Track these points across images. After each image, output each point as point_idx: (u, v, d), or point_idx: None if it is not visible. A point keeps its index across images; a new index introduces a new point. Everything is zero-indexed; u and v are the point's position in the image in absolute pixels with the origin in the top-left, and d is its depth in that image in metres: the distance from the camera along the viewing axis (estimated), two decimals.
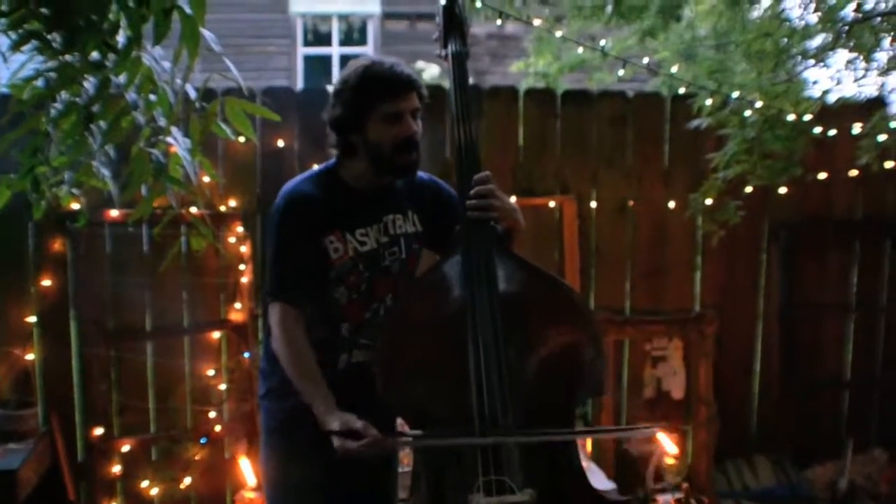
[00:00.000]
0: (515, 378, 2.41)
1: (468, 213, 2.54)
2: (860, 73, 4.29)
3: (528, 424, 2.42)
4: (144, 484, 4.27)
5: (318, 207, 2.67)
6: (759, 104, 4.28)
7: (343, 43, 13.69)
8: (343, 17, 13.71)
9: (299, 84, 12.69)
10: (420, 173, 2.86)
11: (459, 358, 2.41)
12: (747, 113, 4.31)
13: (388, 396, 2.50)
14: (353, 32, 13.77)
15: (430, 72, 10.05)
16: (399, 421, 2.68)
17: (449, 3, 2.79)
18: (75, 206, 3.23)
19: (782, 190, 4.60)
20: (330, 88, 2.75)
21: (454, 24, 2.75)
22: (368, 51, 12.98)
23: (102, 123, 2.13)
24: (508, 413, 2.35)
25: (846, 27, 4.19)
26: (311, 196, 2.68)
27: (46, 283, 4.20)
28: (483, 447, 2.34)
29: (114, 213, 4.06)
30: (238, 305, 4.32)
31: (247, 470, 4.27)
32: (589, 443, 4.47)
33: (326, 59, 13.51)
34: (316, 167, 2.83)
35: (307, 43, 13.62)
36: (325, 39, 13.69)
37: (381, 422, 2.53)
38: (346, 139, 2.67)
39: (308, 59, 13.53)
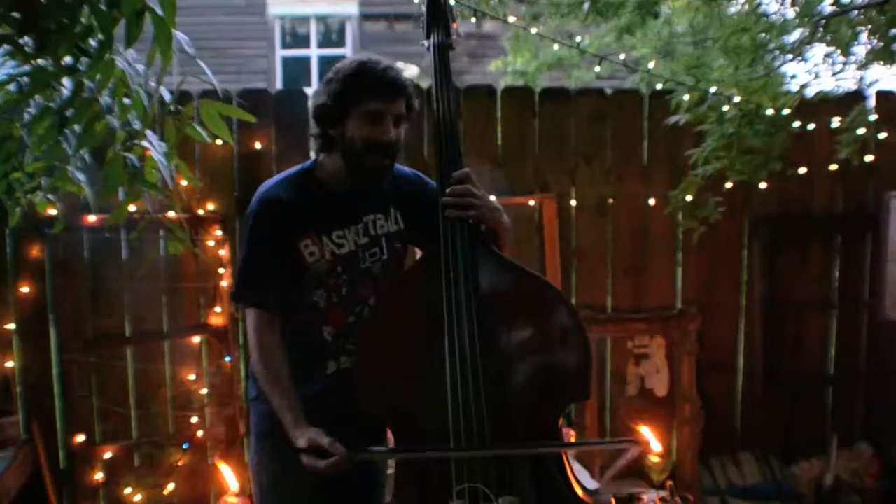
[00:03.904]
0: (495, 384, 2.37)
1: (445, 211, 2.49)
2: (838, 66, 4.31)
3: (511, 432, 2.39)
4: (127, 490, 4.25)
5: (290, 210, 2.63)
6: (737, 99, 4.29)
7: (321, 45, 13.69)
8: (321, 19, 13.70)
9: (278, 86, 12.66)
10: (405, 169, 2.83)
11: (437, 364, 2.37)
12: (725, 108, 4.32)
13: (367, 405, 2.46)
14: (332, 34, 13.76)
15: (409, 72, 10.05)
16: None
17: None
18: (52, 211, 3.20)
19: (762, 185, 4.60)
20: (307, 90, 2.72)
21: (438, 15, 2.71)
22: (347, 52, 12.97)
23: (77, 128, 2.10)
24: (483, 422, 2.32)
25: (823, 21, 4.21)
26: (283, 199, 2.64)
27: (25, 289, 4.17)
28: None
29: (91, 218, 4.04)
30: (218, 309, 4.30)
31: (229, 475, 4.25)
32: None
33: (305, 61, 13.50)
34: (292, 168, 2.78)
35: (285, 45, 13.61)
36: (303, 41, 13.69)
37: (372, 429, 2.53)
38: (327, 131, 2.64)
39: (287, 61, 13.52)
